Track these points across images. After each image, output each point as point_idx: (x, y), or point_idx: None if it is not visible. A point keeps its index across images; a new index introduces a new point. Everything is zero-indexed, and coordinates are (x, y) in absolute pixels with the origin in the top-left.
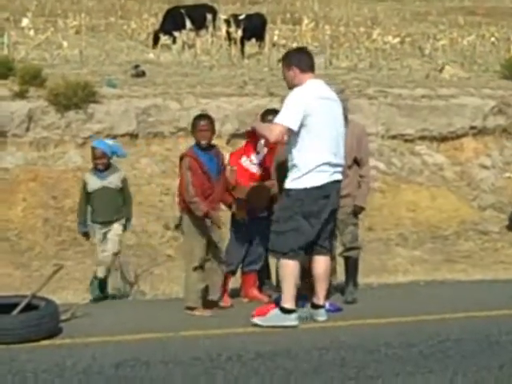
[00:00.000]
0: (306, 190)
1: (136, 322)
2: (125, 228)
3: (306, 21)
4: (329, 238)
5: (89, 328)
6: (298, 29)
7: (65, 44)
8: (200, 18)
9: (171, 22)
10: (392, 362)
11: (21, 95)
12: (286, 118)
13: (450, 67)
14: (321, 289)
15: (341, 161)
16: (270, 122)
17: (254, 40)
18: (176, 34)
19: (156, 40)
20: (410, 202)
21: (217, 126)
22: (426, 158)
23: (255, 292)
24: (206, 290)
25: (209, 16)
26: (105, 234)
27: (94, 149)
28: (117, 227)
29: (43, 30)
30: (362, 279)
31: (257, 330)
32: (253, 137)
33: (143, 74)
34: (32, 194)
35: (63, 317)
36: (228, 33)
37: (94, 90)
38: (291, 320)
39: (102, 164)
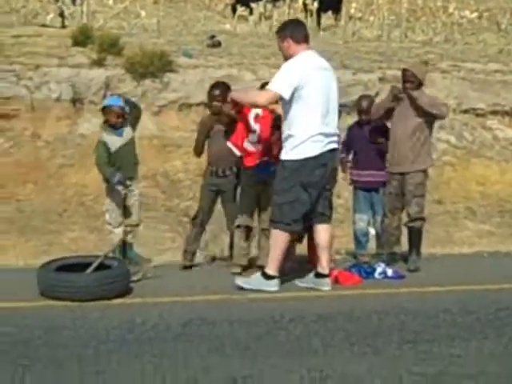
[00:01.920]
0: (301, 160)
1: (203, 284)
2: None
3: None
4: (328, 205)
5: (158, 289)
6: (375, 1)
7: (143, 13)
8: None
9: None
10: (449, 327)
11: (98, 63)
12: (279, 85)
13: None
14: (324, 257)
15: (335, 130)
16: None
17: (330, 12)
18: (253, 5)
19: (233, 11)
20: (480, 176)
21: None
22: (497, 132)
23: None
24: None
25: None
26: (124, 197)
27: (110, 107)
28: (136, 192)
29: None
30: (427, 250)
31: (320, 293)
32: (240, 112)
33: (219, 44)
34: None
35: (134, 278)
36: (305, 4)
37: (170, 60)
38: (271, 286)
39: (121, 122)
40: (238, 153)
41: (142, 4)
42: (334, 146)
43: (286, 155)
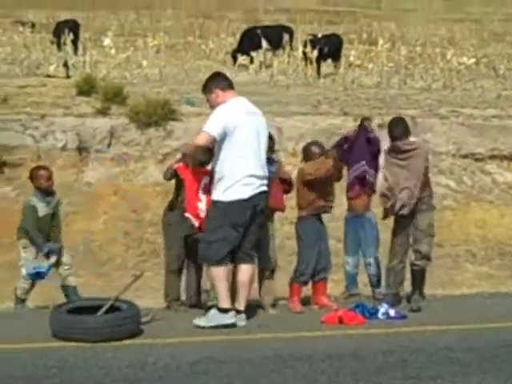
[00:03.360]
0: (232, 202)
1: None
2: None
3: (381, 41)
4: (254, 246)
5: (167, 330)
6: (374, 49)
7: (144, 63)
8: (276, 38)
9: (248, 42)
10: (451, 364)
11: (103, 112)
12: (210, 127)
13: None
14: (242, 295)
15: (265, 173)
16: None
17: (330, 60)
18: (253, 53)
19: (234, 59)
20: (479, 220)
21: (291, 144)
22: (496, 176)
23: (325, 300)
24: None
25: (285, 36)
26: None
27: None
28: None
29: (123, 49)
30: (428, 291)
31: (326, 333)
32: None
33: None
34: (113, 207)
35: (144, 319)
36: (304, 53)
37: (173, 108)
38: (228, 318)
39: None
40: (196, 224)
41: (143, 54)
42: (265, 188)
43: (217, 196)
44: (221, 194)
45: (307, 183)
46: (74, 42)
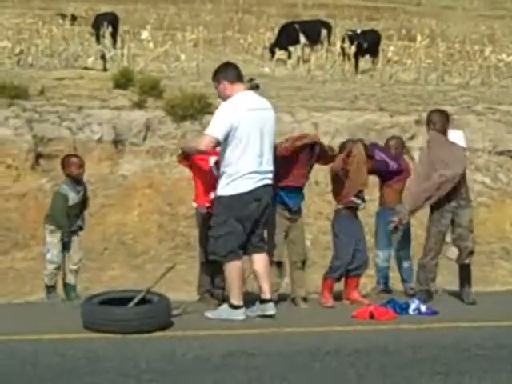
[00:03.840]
0: (235, 195)
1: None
2: None
3: (419, 37)
4: (262, 237)
5: (198, 323)
6: (412, 45)
7: (182, 57)
8: (314, 33)
9: (286, 37)
10: (481, 360)
11: (139, 105)
12: (214, 129)
13: None
14: (265, 284)
15: (269, 167)
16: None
17: (368, 56)
18: (291, 48)
19: (272, 54)
20: None
21: (327, 139)
22: None
23: (356, 295)
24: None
25: (324, 31)
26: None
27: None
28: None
29: (162, 42)
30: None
31: (356, 327)
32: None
33: (257, 87)
34: (147, 200)
35: (175, 312)
36: (342, 48)
37: (210, 102)
38: (238, 315)
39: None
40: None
41: (181, 47)
42: (268, 181)
43: (220, 191)
44: (223, 188)
45: (335, 175)
46: (113, 35)
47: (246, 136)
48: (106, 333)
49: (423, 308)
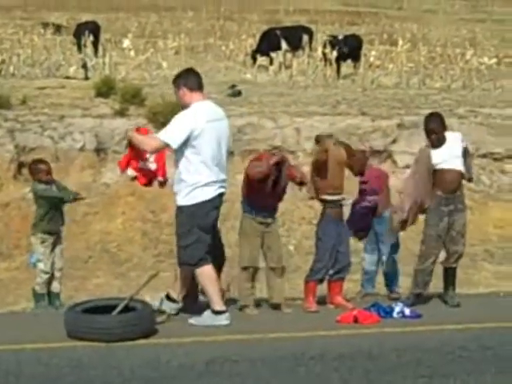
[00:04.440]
0: (197, 204)
1: (226, 325)
2: None
3: (400, 42)
4: (218, 244)
5: (182, 330)
6: (394, 49)
7: (164, 64)
8: (296, 39)
9: (267, 43)
10: (465, 362)
11: (121, 113)
12: (170, 136)
13: None
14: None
15: (225, 176)
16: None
17: (349, 61)
18: (273, 54)
19: (254, 60)
20: (498, 219)
21: (309, 144)
22: None
23: (340, 299)
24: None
25: (305, 37)
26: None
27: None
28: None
29: (143, 50)
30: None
31: (341, 332)
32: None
33: (239, 93)
34: (131, 208)
35: (159, 319)
36: (324, 53)
37: None
38: (222, 320)
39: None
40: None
41: (163, 55)
42: (223, 190)
43: (181, 201)
44: (184, 198)
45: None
46: (95, 44)
47: (205, 146)
48: (89, 341)
49: (407, 311)
